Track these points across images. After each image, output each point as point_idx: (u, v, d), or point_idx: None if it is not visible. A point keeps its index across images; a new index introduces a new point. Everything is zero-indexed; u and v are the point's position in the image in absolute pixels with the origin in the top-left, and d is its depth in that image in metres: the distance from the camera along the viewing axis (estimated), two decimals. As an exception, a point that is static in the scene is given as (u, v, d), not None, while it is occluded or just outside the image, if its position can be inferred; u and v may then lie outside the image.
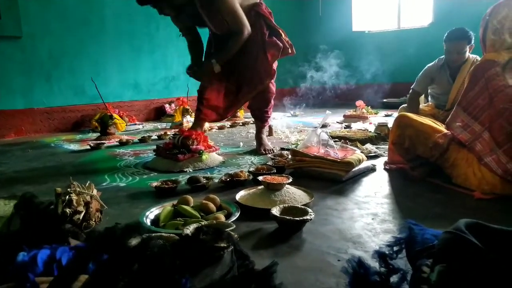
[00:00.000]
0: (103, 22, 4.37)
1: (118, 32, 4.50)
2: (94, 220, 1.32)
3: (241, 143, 2.91)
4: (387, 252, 0.74)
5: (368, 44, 6.22)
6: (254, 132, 3.49)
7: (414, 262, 0.70)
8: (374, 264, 0.76)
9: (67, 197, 1.29)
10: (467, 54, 2.70)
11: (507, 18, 1.52)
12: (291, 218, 1.19)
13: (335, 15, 6.49)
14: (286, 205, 1.32)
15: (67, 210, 1.26)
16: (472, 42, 2.66)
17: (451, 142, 1.64)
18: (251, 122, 4.24)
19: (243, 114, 4.70)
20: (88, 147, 2.97)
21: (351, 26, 6.24)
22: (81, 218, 1.27)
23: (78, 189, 1.34)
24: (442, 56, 2.89)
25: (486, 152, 1.49)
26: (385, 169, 2.00)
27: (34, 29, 3.86)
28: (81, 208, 1.28)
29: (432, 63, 2.94)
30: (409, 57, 5.69)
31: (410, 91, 2.98)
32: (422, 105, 3.02)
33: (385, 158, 2.12)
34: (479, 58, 2.54)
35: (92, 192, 1.37)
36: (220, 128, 3.88)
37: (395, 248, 0.75)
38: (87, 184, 1.40)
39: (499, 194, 1.46)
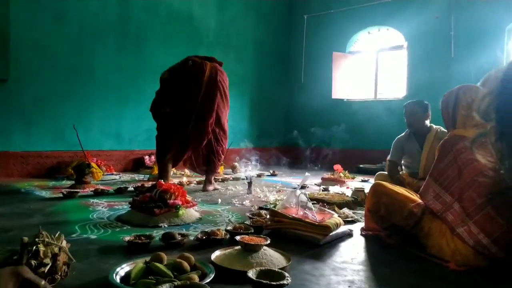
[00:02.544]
0: (92, 71, 4.46)
1: (106, 81, 4.58)
2: (60, 274, 1.25)
3: (220, 200, 2.89)
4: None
5: (347, 111, 6.52)
6: (234, 189, 3.49)
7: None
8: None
9: (34, 247, 1.23)
10: (427, 122, 2.98)
11: (475, 100, 1.67)
12: (268, 282, 1.16)
13: (316, 82, 6.86)
14: (263, 268, 1.29)
15: (33, 261, 1.19)
16: (428, 111, 2.98)
17: (425, 212, 1.69)
18: (231, 179, 4.24)
19: (223, 170, 4.70)
20: (61, 195, 2.87)
21: (331, 94, 6.56)
22: (46, 271, 1.20)
23: (46, 239, 1.28)
24: None
25: (458, 223, 1.53)
26: (361, 234, 2.01)
27: (22, 73, 3.90)
28: (47, 261, 1.22)
29: (401, 135, 3.17)
30: (384, 126, 5.96)
31: (387, 162, 3.13)
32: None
33: (362, 224, 2.14)
34: (442, 129, 2.77)
35: (61, 243, 1.31)
36: (199, 183, 3.85)
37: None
38: (56, 235, 1.34)
39: (472, 266, 1.47)
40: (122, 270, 1.29)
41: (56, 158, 4.16)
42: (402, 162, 3.16)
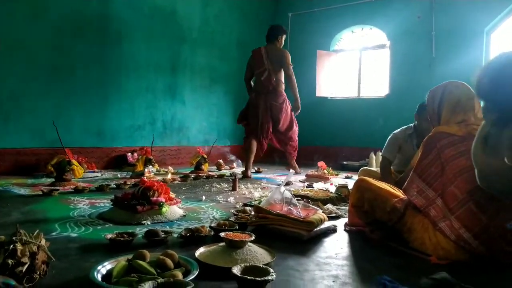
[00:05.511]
0: (72, 68, 4.35)
1: (86, 78, 4.48)
2: (39, 273, 1.21)
3: (204, 197, 2.86)
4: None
5: (330, 109, 6.57)
6: (218, 186, 3.48)
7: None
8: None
9: (11, 246, 1.19)
10: None
11: (461, 99, 1.71)
12: (253, 278, 1.15)
13: (300, 79, 6.85)
14: (248, 264, 1.29)
15: (9, 261, 1.15)
16: None
17: (408, 207, 1.71)
18: (215, 176, 4.23)
19: (207, 168, 4.67)
20: (40, 192, 2.80)
21: (315, 92, 6.60)
22: (24, 270, 1.16)
23: (24, 238, 1.24)
24: (410, 125, 3.06)
25: (440, 218, 1.56)
26: (345, 230, 2.03)
27: (-2, 69, 3.77)
28: (25, 260, 1.18)
29: (399, 130, 3.08)
30: (367, 124, 6.05)
31: (381, 158, 3.06)
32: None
33: (346, 219, 2.16)
34: None
35: (40, 242, 1.27)
36: (183, 180, 3.81)
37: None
38: (35, 233, 1.30)
39: (454, 260, 1.50)
40: (104, 268, 1.26)
41: (35, 156, 4.05)
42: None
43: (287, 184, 3.63)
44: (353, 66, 6.65)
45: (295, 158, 4.81)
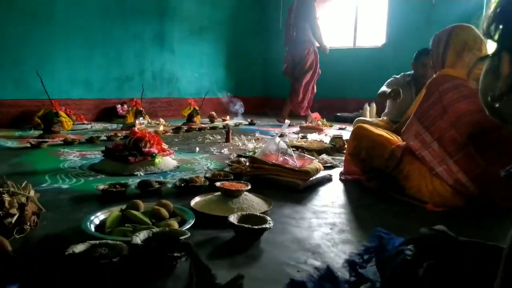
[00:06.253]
0: (54, 14, 4.09)
1: (69, 25, 4.24)
2: (29, 224, 1.18)
3: (197, 148, 2.82)
4: (357, 261, 0.72)
5: (325, 59, 6.39)
6: (211, 138, 3.43)
7: (384, 269, 0.68)
8: (343, 272, 0.72)
9: (-2, 197, 1.14)
10: None
11: (468, 41, 1.62)
12: (250, 226, 1.13)
13: (295, 28, 6.60)
14: (244, 212, 1.27)
15: (-3, 212, 1.11)
16: None
17: (405, 153, 1.68)
18: (208, 128, 4.17)
19: (200, 120, 4.59)
20: (28, 145, 2.73)
21: (310, 41, 6.37)
22: (13, 221, 1.13)
23: (12, 189, 1.19)
24: (408, 73, 3.00)
25: (437, 162, 1.54)
26: (340, 179, 2.02)
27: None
28: (14, 211, 1.14)
29: (399, 76, 3.04)
30: (362, 75, 5.93)
31: (379, 92, 3.00)
32: (376, 120, 3.12)
33: (341, 169, 2.15)
34: None
35: (28, 193, 1.22)
36: (175, 132, 3.75)
37: (365, 257, 0.73)
38: (23, 185, 1.25)
39: (450, 207, 1.50)
40: (97, 218, 1.23)
41: (20, 107, 3.92)
42: (389, 104, 3.07)
43: (282, 135, 3.59)
44: (349, 15, 6.38)
45: (302, 111, 4.89)
